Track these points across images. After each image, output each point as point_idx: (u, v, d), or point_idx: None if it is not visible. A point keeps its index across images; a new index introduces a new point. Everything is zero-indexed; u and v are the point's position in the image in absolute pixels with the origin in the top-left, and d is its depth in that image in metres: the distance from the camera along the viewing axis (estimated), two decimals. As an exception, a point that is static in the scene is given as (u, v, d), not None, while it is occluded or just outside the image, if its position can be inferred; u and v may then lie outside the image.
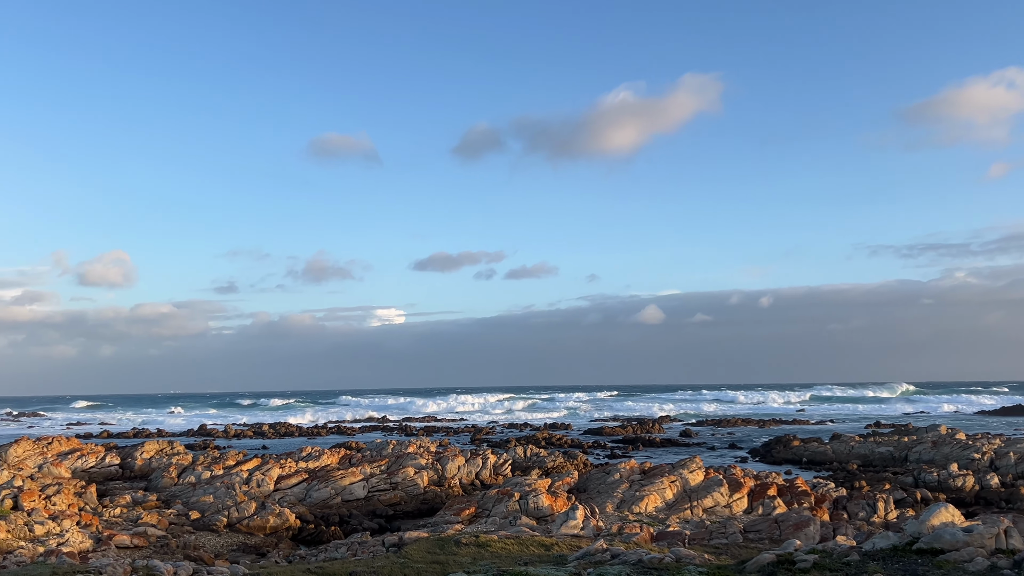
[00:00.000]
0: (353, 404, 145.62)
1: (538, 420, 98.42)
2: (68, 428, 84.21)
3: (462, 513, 25.95)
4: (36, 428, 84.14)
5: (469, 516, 25.76)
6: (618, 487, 30.38)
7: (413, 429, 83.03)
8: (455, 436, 73.42)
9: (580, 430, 78.61)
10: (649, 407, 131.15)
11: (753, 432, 73.85)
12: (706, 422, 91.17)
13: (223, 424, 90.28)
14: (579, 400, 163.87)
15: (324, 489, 32.87)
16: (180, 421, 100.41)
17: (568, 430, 79.82)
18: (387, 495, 33.89)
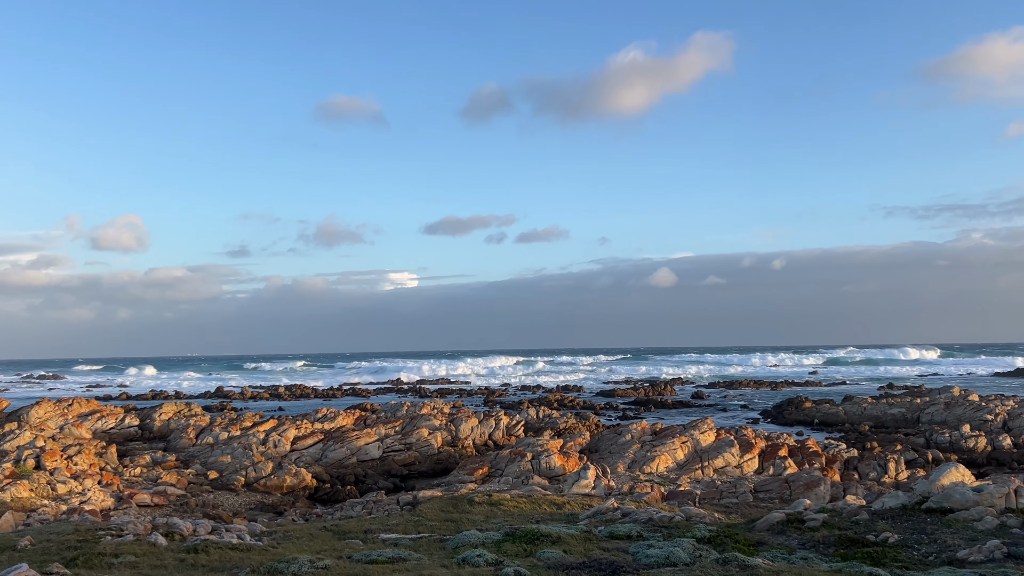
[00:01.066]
0: (367, 368, 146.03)
1: (551, 383, 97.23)
2: (88, 390, 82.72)
3: (475, 473, 26.18)
4: (55, 390, 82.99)
5: (482, 476, 26.12)
6: (629, 447, 30.40)
7: (427, 391, 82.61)
8: (468, 398, 73.39)
9: (592, 392, 78.16)
10: (661, 370, 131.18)
11: (765, 395, 73.23)
12: (718, 384, 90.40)
13: (240, 386, 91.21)
14: (591, 363, 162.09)
15: (340, 449, 33.15)
16: (197, 383, 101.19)
17: (580, 392, 78.93)
18: (401, 455, 34.00)
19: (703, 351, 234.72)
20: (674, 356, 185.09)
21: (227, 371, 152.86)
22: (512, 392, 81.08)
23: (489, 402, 66.43)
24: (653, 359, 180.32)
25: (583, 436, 33.19)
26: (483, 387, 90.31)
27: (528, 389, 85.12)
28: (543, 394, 75.13)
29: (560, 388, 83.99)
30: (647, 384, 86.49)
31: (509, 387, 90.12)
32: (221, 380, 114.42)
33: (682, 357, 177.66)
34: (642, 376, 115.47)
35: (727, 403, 64.93)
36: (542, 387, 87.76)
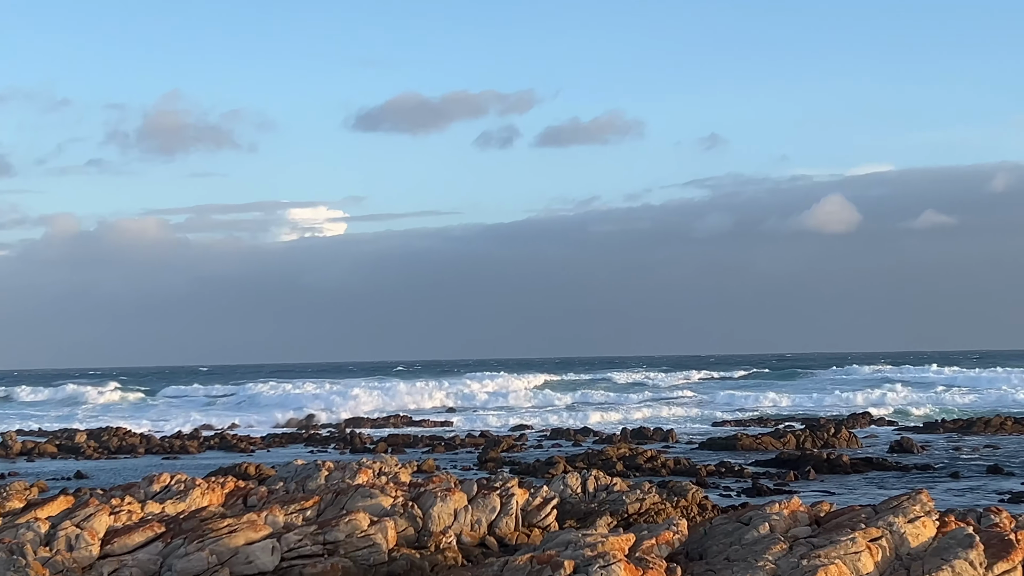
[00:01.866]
0: (245, 395, 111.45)
1: (609, 424, 75.39)
2: None
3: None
4: None
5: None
6: (767, 550, 20.96)
7: (365, 440, 63.49)
8: (448, 454, 57.14)
9: (692, 441, 61.66)
10: (823, 398, 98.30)
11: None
12: (942, 425, 69.49)
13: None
14: (689, 384, 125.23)
15: (197, 555, 23.07)
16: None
17: (670, 442, 61.21)
18: (318, 566, 23.46)
19: (909, 360, 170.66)
20: (854, 366, 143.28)
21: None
22: (533, 440, 63.69)
23: (488, 461, 49.92)
24: (810, 375, 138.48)
25: (675, 527, 22.62)
26: (476, 432, 69.58)
27: (563, 435, 66.58)
28: (594, 445, 58.50)
29: (627, 433, 64.36)
30: (801, 426, 65.18)
31: (528, 431, 70.33)
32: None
33: (871, 369, 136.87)
34: (789, 408, 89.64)
35: (959, 462, 49.20)
36: (593, 431, 68.46)
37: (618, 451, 49.70)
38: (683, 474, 44.19)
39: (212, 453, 59.84)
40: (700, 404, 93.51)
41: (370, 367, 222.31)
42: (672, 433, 64.00)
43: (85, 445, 61.21)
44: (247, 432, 73.85)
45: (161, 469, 38.97)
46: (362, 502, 27.34)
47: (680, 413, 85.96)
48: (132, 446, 61.86)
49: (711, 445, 57.43)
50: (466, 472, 46.21)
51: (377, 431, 74.49)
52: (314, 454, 56.82)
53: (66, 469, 51.18)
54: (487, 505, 28.97)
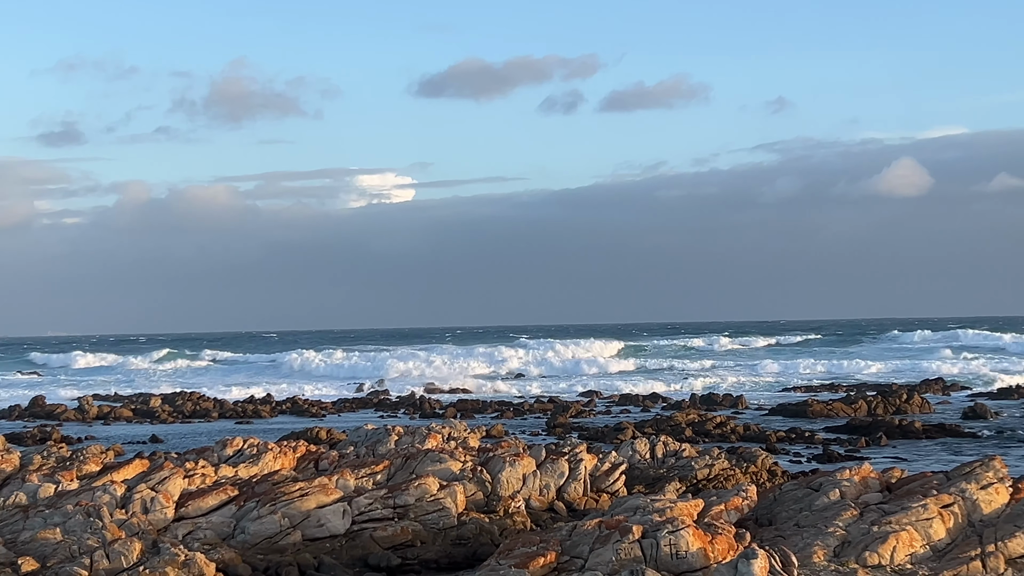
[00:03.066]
0: (315, 363, 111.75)
1: (677, 392, 75.14)
2: None
3: (531, 564, 18.62)
4: None
5: (545, 569, 18.60)
6: (837, 516, 20.98)
7: (434, 405, 64.49)
8: (517, 419, 57.04)
9: (762, 407, 61.24)
10: (898, 362, 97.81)
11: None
12: (1016, 391, 68.16)
13: (74, 397, 71.05)
14: (757, 351, 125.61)
15: (270, 517, 23.75)
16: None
17: (740, 408, 61.20)
18: (388, 529, 24.18)
19: (983, 325, 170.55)
20: (924, 335, 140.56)
21: (43, 366, 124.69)
22: (601, 407, 63.29)
23: (557, 427, 50.16)
24: (881, 340, 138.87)
25: (744, 493, 22.99)
26: (545, 398, 69.81)
27: (633, 401, 66.92)
28: (663, 411, 58.48)
29: (697, 400, 64.58)
30: (871, 393, 65.03)
31: (596, 398, 70.24)
32: (34, 384, 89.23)
33: (941, 337, 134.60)
34: (860, 374, 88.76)
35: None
36: (662, 397, 69.23)
37: (687, 417, 49.34)
38: (753, 440, 43.67)
39: (284, 418, 60.24)
40: (770, 370, 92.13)
41: (437, 333, 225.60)
42: (742, 399, 63.72)
43: (160, 410, 61.87)
44: (318, 397, 74.24)
45: (234, 433, 39.30)
46: (431, 467, 26.93)
47: (750, 379, 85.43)
48: (206, 411, 62.47)
49: (781, 411, 57.02)
50: (535, 438, 45.99)
51: (447, 396, 74.51)
52: (384, 419, 56.91)
53: (142, 433, 51.76)
54: (555, 470, 28.33)
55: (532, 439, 43.96)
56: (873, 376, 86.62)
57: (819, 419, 52.76)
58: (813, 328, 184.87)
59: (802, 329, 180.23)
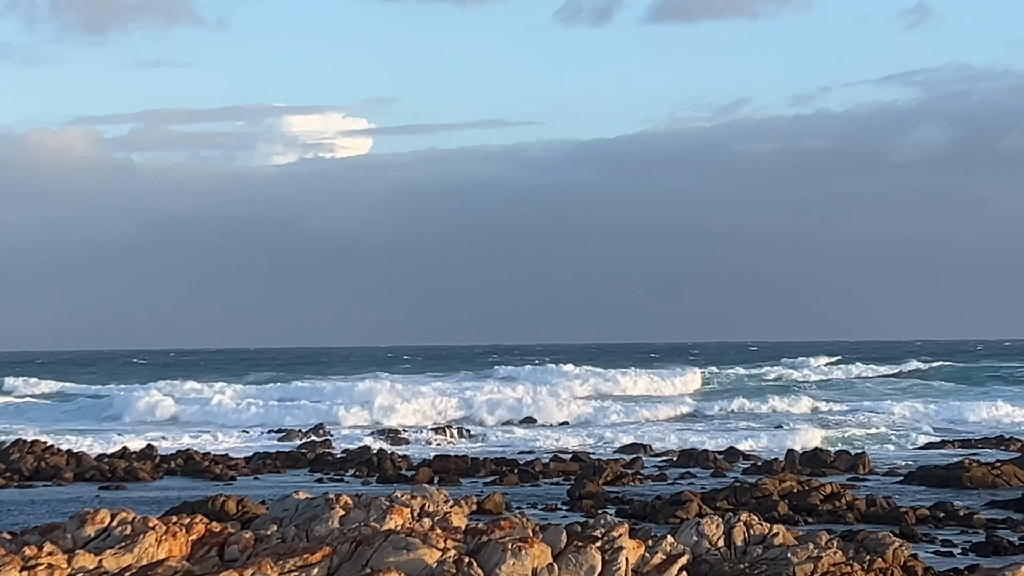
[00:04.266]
0: (218, 396, 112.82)
1: (764, 448, 75.44)
2: None
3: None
4: None
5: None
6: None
7: (400, 464, 64.83)
8: (524, 486, 57.00)
9: (894, 471, 61.16)
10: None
11: None
12: None
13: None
14: (889, 380, 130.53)
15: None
16: None
17: (861, 472, 60.84)
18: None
19: None
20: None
21: None
22: (653, 470, 63.18)
23: (585, 498, 49.86)
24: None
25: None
26: (566, 454, 70.04)
27: (700, 460, 66.27)
28: (744, 476, 58.48)
29: (795, 459, 64.47)
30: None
31: (644, 455, 70.20)
32: None
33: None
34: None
35: None
36: (742, 454, 69.34)
37: (781, 485, 50.05)
38: (880, 521, 44.08)
39: (173, 480, 60.84)
40: (906, 412, 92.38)
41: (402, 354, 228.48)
42: (864, 459, 63.96)
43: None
44: (225, 450, 74.70)
45: (98, 504, 39.54)
46: (395, 556, 27.37)
47: (876, 427, 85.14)
48: (55, 468, 62.30)
49: (923, 477, 57.39)
50: (551, 514, 46.72)
51: (411, 448, 75.32)
52: (323, 484, 57.53)
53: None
54: (582, 563, 28.64)
55: (547, 516, 44.40)
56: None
57: (980, 490, 53.11)
58: (969, 353, 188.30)
59: (960, 352, 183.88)
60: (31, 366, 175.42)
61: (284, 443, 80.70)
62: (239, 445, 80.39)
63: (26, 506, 50.83)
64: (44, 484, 59.29)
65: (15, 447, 68.86)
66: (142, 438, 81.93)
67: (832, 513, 46.02)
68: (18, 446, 69.03)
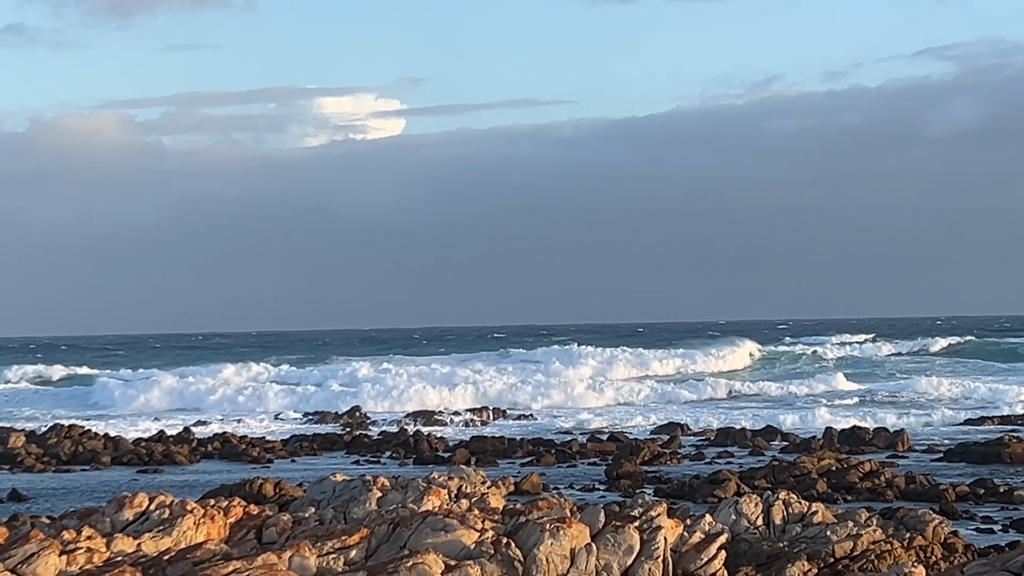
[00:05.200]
0: (252, 378, 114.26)
1: (803, 422, 75.97)
2: None
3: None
4: None
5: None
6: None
7: (436, 445, 65.38)
8: (561, 467, 56.95)
9: (933, 448, 60.99)
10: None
11: None
12: None
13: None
14: (926, 358, 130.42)
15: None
16: None
17: (900, 450, 61.13)
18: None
19: None
20: None
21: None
22: (691, 449, 63.74)
23: (623, 478, 49.79)
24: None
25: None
26: (603, 434, 70.26)
27: (737, 438, 66.38)
28: (782, 455, 58.81)
29: (833, 437, 63.86)
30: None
31: (681, 434, 70.74)
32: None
33: None
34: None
35: None
36: (780, 432, 69.17)
37: (819, 463, 50.20)
38: (920, 498, 44.33)
39: (210, 464, 61.11)
40: (943, 391, 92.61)
41: (438, 336, 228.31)
42: (902, 436, 64.10)
43: (23, 451, 62.11)
44: (262, 433, 75.10)
45: (135, 488, 39.73)
46: (433, 537, 27.38)
47: (914, 404, 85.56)
48: (93, 453, 62.95)
49: (963, 454, 57.60)
50: (588, 494, 46.87)
51: (448, 430, 76.16)
52: (360, 466, 57.82)
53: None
54: (621, 544, 28.63)
55: (585, 496, 44.76)
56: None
57: (1020, 466, 53.20)
58: (1005, 330, 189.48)
59: (997, 329, 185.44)
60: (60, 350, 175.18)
61: (319, 425, 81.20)
62: (274, 428, 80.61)
63: (64, 491, 51.17)
64: (82, 468, 59.74)
65: (52, 432, 69.37)
66: (177, 421, 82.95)
67: (871, 491, 46.13)
68: (55, 431, 69.63)
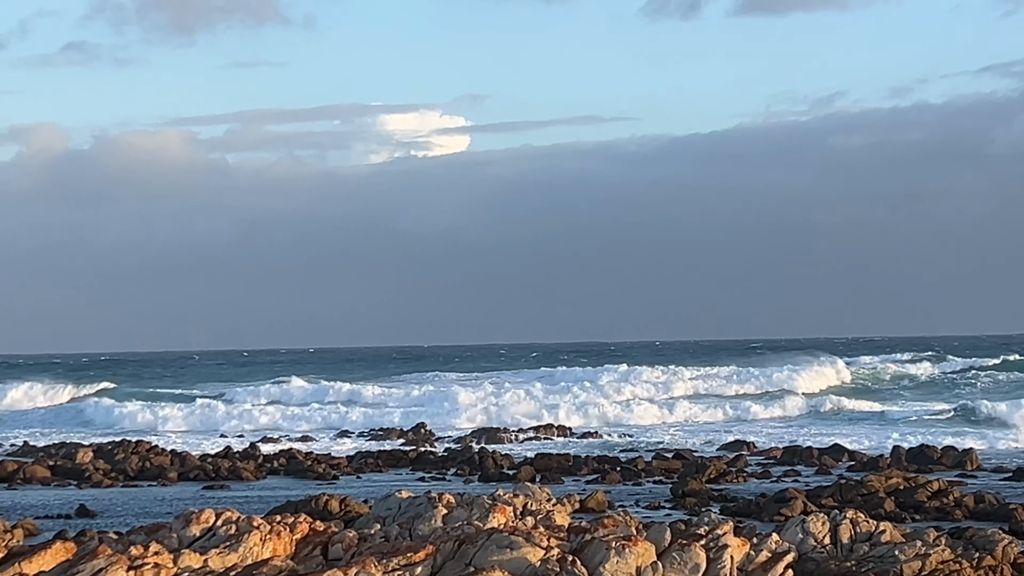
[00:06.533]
0: (321, 392, 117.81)
1: (871, 441, 76.43)
2: None
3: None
4: None
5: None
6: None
7: (502, 462, 65.18)
8: (626, 484, 57.21)
9: (1002, 468, 60.59)
10: None
11: None
12: None
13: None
14: (991, 374, 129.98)
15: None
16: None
17: (969, 469, 60.58)
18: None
19: None
20: None
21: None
22: (757, 468, 63.24)
23: (689, 496, 50.19)
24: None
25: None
26: (669, 452, 69.84)
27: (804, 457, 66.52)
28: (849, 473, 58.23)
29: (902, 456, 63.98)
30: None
31: (747, 452, 70.81)
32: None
33: None
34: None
35: None
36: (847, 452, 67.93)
37: (887, 482, 50.10)
38: (989, 518, 44.00)
39: (276, 480, 61.77)
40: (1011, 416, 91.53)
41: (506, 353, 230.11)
42: (971, 455, 63.80)
43: (90, 467, 62.45)
44: (327, 449, 76.29)
45: (202, 503, 40.13)
46: (499, 555, 27.50)
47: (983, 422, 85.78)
48: (160, 468, 63.37)
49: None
50: (654, 512, 46.98)
51: (519, 447, 76.52)
52: (426, 483, 57.93)
53: (64, 502, 52.45)
54: (687, 561, 28.60)
55: (650, 515, 44.75)
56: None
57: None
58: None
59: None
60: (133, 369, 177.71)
61: (384, 442, 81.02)
62: (340, 445, 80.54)
63: (132, 506, 51.48)
64: (149, 484, 60.05)
65: (120, 447, 69.97)
66: (243, 438, 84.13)
67: (939, 510, 45.89)
68: (123, 446, 70.22)
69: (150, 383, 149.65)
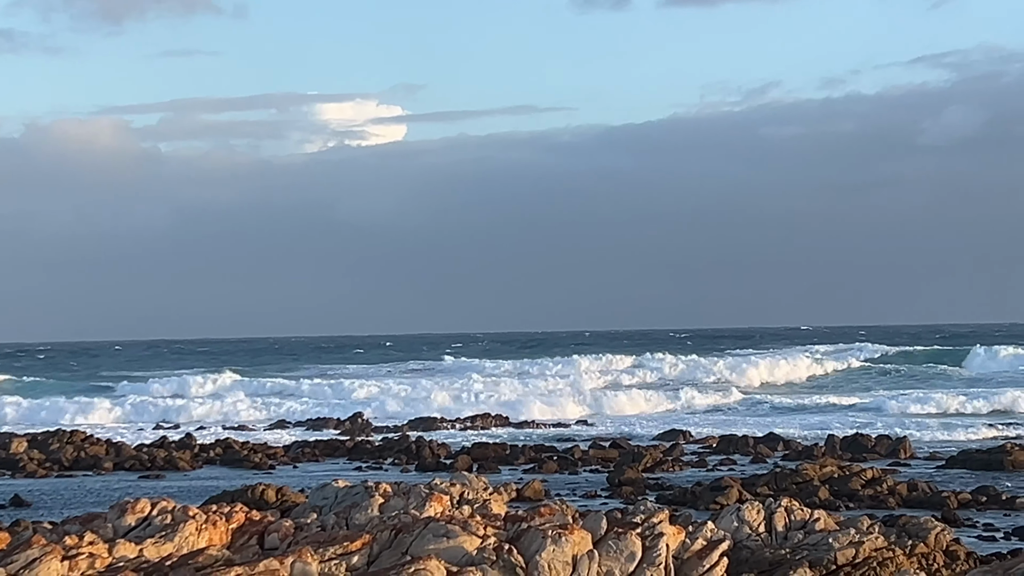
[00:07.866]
0: (259, 382, 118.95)
1: (805, 429, 77.20)
2: None
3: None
4: None
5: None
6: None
7: (439, 451, 65.43)
8: (562, 474, 57.84)
9: (935, 456, 61.65)
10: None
11: None
12: None
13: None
14: (928, 365, 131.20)
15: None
16: None
17: (902, 457, 61.29)
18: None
19: None
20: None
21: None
22: (693, 456, 63.89)
23: (625, 484, 50.41)
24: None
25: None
26: (605, 441, 70.63)
27: (739, 446, 67.25)
28: (784, 461, 58.86)
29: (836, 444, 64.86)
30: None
31: (683, 441, 70.79)
32: None
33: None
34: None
35: None
36: (782, 440, 68.97)
37: (822, 470, 50.59)
38: (922, 506, 44.55)
39: (212, 469, 61.53)
40: (945, 403, 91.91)
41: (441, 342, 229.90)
42: (905, 443, 64.36)
43: (24, 456, 62.38)
44: (262, 439, 75.51)
45: (137, 493, 40.42)
46: (435, 544, 27.46)
47: (913, 411, 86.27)
48: (95, 458, 63.24)
49: (964, 461, 57.88)
50: (591, 501, 47.27)
51: (453, 433, 77.34)
52: (363, 472, 58.27)
53: (1, 490, 52.99)
54: (623, 550, 28.69)
55: (587, 503, 44.97)
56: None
57: (1023, 473, 54.36)
58: (1012, 335, 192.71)
59: (994, 336, 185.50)
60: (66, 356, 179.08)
61: (321, 432, 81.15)
62: (276, 435, 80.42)
63: (66, 496, 51.32)
64: (84, 474, 60.21)
65: (54, 437, 69.62)
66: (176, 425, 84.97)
67: (873, 498, 46.42)
68: (57, 436, 69.87)
69: (60, 374, 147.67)
